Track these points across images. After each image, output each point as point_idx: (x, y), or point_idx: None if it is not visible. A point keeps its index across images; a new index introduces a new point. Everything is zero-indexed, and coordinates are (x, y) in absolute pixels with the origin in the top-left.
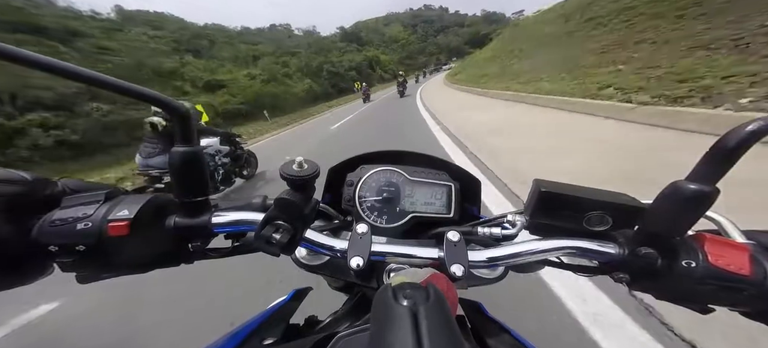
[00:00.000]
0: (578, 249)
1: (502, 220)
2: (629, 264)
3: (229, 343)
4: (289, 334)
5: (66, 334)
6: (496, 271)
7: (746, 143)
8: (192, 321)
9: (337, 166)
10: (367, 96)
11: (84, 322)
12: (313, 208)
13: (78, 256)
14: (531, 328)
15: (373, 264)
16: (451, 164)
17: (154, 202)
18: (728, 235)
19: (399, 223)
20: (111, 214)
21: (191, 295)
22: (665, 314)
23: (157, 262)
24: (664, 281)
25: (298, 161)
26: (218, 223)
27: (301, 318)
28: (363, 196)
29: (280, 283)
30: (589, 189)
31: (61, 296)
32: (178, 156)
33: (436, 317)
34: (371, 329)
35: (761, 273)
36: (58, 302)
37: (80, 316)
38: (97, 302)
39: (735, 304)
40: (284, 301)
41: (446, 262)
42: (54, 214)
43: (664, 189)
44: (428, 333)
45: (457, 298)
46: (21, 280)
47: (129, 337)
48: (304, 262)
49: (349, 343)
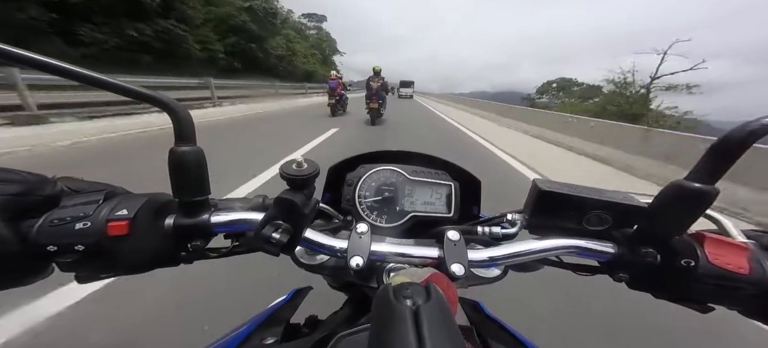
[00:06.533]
0: (578, 248)
1: (502, 219)
2: (629, 263)
3: (230, 343)
4: (289, 333)
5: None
6: (496, 271)
7: (745, 143)
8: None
9: (336, 165)
10: (339, 101)
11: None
12: (313, 207)
13: (77, 255)
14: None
15: (373, 264)
16: (450, 164)
17: (153, 202)
18: (728, 234)
19: (399, 223)
20: (110, 213)
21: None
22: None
23: (156, 262)
24: (664, 280)
25: (298, 161)
26: (218, 222)
27: (301, 318)
28: (363, 195)
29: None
30: (589, 188)
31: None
32: (178, 156)
33: (436, 317)
34: (371, 329)
35: (760, 272)
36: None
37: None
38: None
39: (735, 303)
40: (284, 301)
41: (446, 262)
42: (53, 214)
43: (663, 188)
44: (428, 332)
45: (457, 298)
46: (20, 280)
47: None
48: (304, 261)
49: (349, 342)
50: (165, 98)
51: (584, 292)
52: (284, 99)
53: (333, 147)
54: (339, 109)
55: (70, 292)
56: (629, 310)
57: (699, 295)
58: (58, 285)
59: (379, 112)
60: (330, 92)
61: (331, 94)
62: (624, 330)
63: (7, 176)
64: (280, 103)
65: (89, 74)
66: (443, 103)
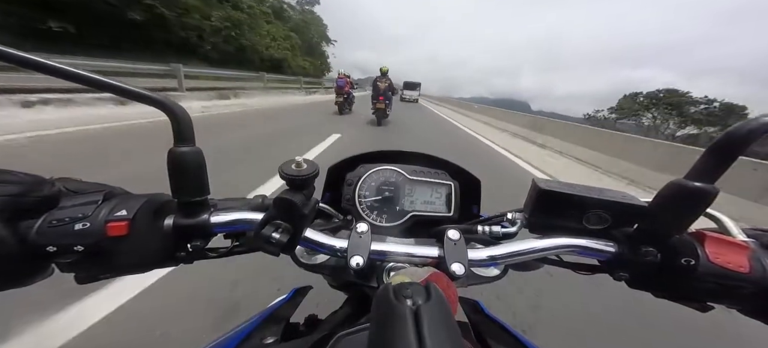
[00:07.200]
0: (578, 247)
1: (502, 218)
2: (629, 262)
3: (230, 342)
4: (289, 333)
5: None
6: (496, 270)
7: (745, 142)
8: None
9: (336, 165)
10: (346, 100)
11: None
12: (313, 207)
13: (77, 256)
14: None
15: (373, 263)
16: (450, 163)
17: (152, 202)
18: (728, 233)
19: (399, 222)
20: (109, 214)
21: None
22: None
23: (156, 262)
24: (664, 279)
25: (297, 160)
26: (217, 222)
27: (301, 317)
28: (363, 195)
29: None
30: (589, 187)
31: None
32: (177, 156)
33: (436, 316)
34: (371, 328)
35: (760, 271)
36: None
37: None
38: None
39: (734, 302)
40: (284, 300)
41: (446, 261)
42: (51, 215)
43: (663, 187)
44: (428, 332)
45: (457, 297)
46: (20, 281)
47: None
48: (304, 261)
49: (349, 342)
50: (163, 99)
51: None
52: (275, 94)
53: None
54: (346, 108)
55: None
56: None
57: (699, 294)
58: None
59: (386, 112)
60: (338, 90)
61: (339, 92)
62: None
63: (4, 177)
64: (267, 99)
65: (87, 75)
66: (453, 110)
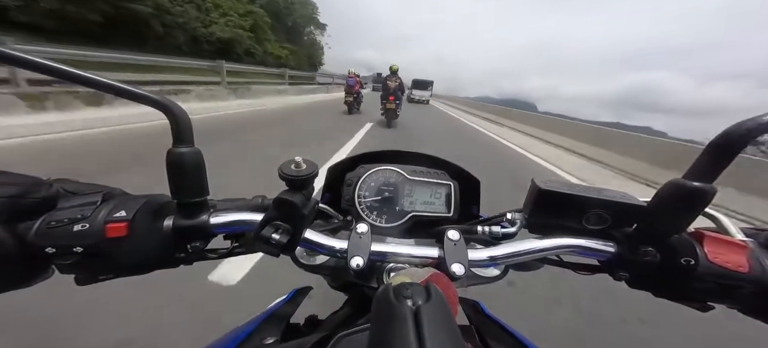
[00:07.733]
0: (578, 247)
1: (502, 218)
2: (629, 262)
3: (230, 343)
4: (289, 333)
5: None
6: (496, 270)
7: (743, 141)
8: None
9: (336, 165)
10: (356, 99)
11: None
12: (313, 207)
13: (76, 257)
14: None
15: (373, 264)
16: (450, 163)
17: (151, 203)
18: (727, 232)
19: (399, 223)
20: (108, 215)
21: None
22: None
23: (155, 263)
24: (664, 279)
25: (297, 161)
26: (217, 223)
27: (301, 317)
28: (362, 195)
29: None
30: (588, 187)
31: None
32: (176, 157)
33: (436, 316)
34: (371, 329)
35: (760, 270)
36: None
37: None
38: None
39: (734, 302)
40: (284, 301)
41: (446, 261)
42: (50, 216)
43: (662, 187)
44: (429, 332)
45: (457, 297)
46: (20, 282)
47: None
48: (304, 262)
49: (349, 342)
50: (162, 99)
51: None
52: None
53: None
54: (355, 108)
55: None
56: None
57: (699, 293)
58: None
59: (396, 113)
60: (348, 90)
61: (349, 91)
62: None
63: (1, 179)
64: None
65: (86, 75)
66: (465, 111)
